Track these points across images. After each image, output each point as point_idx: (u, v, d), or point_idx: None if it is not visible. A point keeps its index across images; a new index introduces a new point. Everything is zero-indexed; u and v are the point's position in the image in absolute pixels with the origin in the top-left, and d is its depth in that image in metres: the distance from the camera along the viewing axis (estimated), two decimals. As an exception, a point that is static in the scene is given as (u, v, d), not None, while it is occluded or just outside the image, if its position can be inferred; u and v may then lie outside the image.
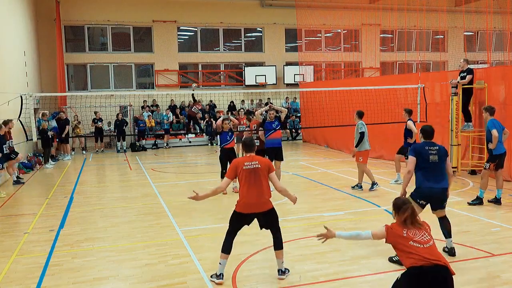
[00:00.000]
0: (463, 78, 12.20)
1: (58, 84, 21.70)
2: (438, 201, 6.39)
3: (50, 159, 16.81)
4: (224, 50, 25.88)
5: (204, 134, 22.75)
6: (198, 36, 25.37)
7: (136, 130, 21.95)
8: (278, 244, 5.81)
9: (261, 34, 26.34)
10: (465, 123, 12.44)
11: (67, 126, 19.06)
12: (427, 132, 6.49)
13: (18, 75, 17.12)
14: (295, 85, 24.57)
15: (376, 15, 24.04)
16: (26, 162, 15.66)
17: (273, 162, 11.16)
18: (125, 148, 20.96)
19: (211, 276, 5.77)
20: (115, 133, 20.89)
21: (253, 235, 7.52)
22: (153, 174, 14.09)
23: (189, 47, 25.40)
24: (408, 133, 11.43)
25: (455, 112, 12.32)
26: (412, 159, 6.30)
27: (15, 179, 13.05)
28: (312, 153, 18.52)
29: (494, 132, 8.89)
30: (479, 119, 12.43)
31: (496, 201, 9.15)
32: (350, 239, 4.94)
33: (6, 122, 12.52)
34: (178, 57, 24.82)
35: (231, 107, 24.56)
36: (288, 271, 5.89)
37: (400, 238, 4.15)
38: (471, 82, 12.19)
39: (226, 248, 5.74)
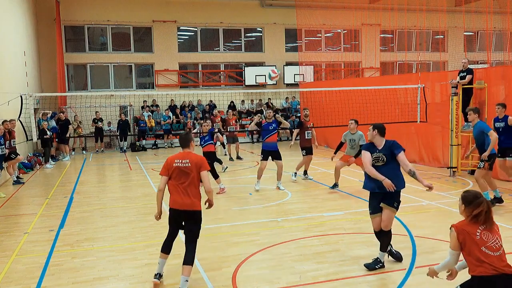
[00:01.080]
0: (462, 78, 12.20)
1: (58, 84, 21.70)
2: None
3: (50, 159, 16.81)
4: (224, 50, 25.88)
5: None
6: (198, 36, 25.37)
7: (137, 130, 21.97)
8: (187, 259, 5.48)
9: (261, 34, 26.34)
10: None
11: (69, 126, 19.03)
12: (383, 129, 6.12)
13: (18, 75, 17.12)
14: (295, 85, 24.57)
15: (376, 15, 24.04)
16: (26, 162, 15.66)
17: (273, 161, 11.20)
18: (125, 148, 20.98)
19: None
20: (118, 134, 20.93)
21: (253, 235, 7.54)
22: (153, 174, 14.09)
23: (189, 47, 25.40)
24: None
25: (455, 112, 12.32)
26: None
27: (15, 179, 13.05)
28: (312, 153, 18.47)
29: (494, 134, 8.76)
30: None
31: (498, 200, 9.07)
32: (447, 266, 4.11)
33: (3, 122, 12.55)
34: (178, 57, 24.82)
35: (231, 107, 24.58)
36: None
37: (471, 240, 3.72)
38: (471, 82, 12.19)
39: (164, 247, 5.71)
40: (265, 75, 25.13)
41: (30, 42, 19.89)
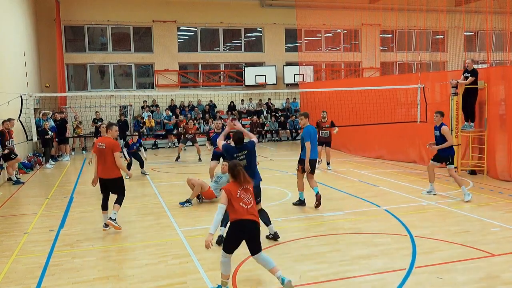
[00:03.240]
0: (467, 78, 12.16)
1: (58, 84, 21.70)
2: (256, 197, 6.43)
3: (50, 159, 16.82)
4: (224, 50, 25.88)
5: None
6: (198, 36, 25.36)
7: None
8: (117, 201, 7.95)
9: (261, 34, 26.34)
10: (466, 123, 12.42)
11: (66, 126, 19.01)
12: (238, 139, 6.95)
13: (18, 75, 17.11)
14: (295, 85, 24.58)
15: (376, 15, 24.03)
16: (26, 162, 15.66)
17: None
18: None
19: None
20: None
21: (253, 235, 7.53)
22: (153, 174, 14.09)
23: (189, 47, 25.39)
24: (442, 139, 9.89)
25: (455, 112, 12.31)
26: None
27: (15, 179, 13.04)
28: (312, 153, 18.48)
29: (308, 144, 8.94)
30: (479, 119, 12.43)
31: (302, 202, 9.33)
32: (218, 221, 5.34)
33: (3, 122, 12.55)
34: (178, 57, 24.81)
35: (231, 107, 24.59)
36: (115, 221, 7.77)
37: (234, 197, 5.26)
38: (475, 82, 12.13)
39: (103, 206, 8.03)
40: (265, 75, 25.15)
41: (30, 42, 19.88)
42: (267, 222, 7.10)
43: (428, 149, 14.52)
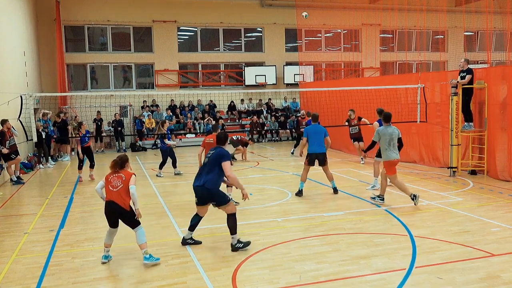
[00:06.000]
0: (463, 78, 12.19)
1: (58, 84, 21.70)
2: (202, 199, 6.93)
3: (50, 159, 16.82)
4: (224, 50, 25.89)
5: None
6: (198, 36, 25.37)
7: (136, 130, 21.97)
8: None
9: (261, 34, 26.34)
10: (466, 123, 12.42)
11: (68, 127, 19.02)
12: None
13: (18, 75, 17.11)
14: (295, 85, 24.58)
15: (376, 15, 24.04)
16: (26, 162, 15.66)
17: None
18: (124, 148, 20.98)
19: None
20: (112, 133, 20.98)
21: (253, 235, 7.54)
22: (153, 174, 14.09)
23: (189, 47, 25.40)
24: None
25: (455, 112, 12.31)
26: None
27: (15, 179, 13.04)
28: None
29: (304, 140, 10.71)
30: (479, 119, 12.43)
31: (300, 192, 10.48)
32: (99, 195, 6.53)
33: (4, 121, 12.55)
34: (178, 57, 24.82)
35: (231, 107, 24.60)
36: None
37: (106, 180, 6.39)
38: (471, 82, 12.16)
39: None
40: (265, 75, 25.15)
41: (30, 42, 19.88)
42: (231, 231, 6.76)
43: (427, 149, 14.66)
